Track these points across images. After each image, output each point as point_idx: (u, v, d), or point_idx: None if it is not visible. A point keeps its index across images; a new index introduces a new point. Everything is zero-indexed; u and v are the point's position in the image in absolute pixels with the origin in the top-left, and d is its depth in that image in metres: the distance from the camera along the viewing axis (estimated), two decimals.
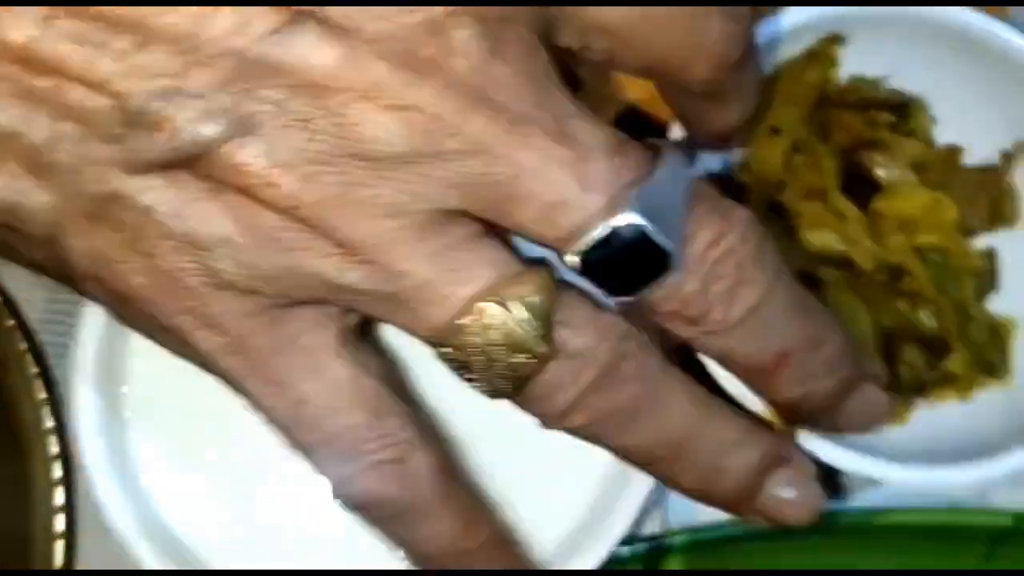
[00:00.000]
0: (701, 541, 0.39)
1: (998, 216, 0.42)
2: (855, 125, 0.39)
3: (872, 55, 0.41)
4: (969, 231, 0.43)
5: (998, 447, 0.37)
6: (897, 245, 0.38)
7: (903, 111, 0.41)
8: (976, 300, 0.42)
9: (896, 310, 0.39)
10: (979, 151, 0.43)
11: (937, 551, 0.39)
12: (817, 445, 0.36)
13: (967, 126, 0.43)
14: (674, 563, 0.39)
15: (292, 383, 0.25)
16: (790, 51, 0.40)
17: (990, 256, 0.42)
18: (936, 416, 0.40)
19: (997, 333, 0.41)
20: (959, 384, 0.40)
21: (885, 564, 0.39)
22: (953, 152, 0.43)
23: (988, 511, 0.40)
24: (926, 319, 0.39)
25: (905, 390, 0.40)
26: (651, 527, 0.39)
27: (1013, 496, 0.40)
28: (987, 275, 0.42)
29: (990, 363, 0.40)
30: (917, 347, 0.39)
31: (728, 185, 0.40)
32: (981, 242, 0.43)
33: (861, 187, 0.40)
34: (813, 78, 0.40)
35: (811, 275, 0.39)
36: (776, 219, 0.39)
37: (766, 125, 0.40)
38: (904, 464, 0.37)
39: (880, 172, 0.39)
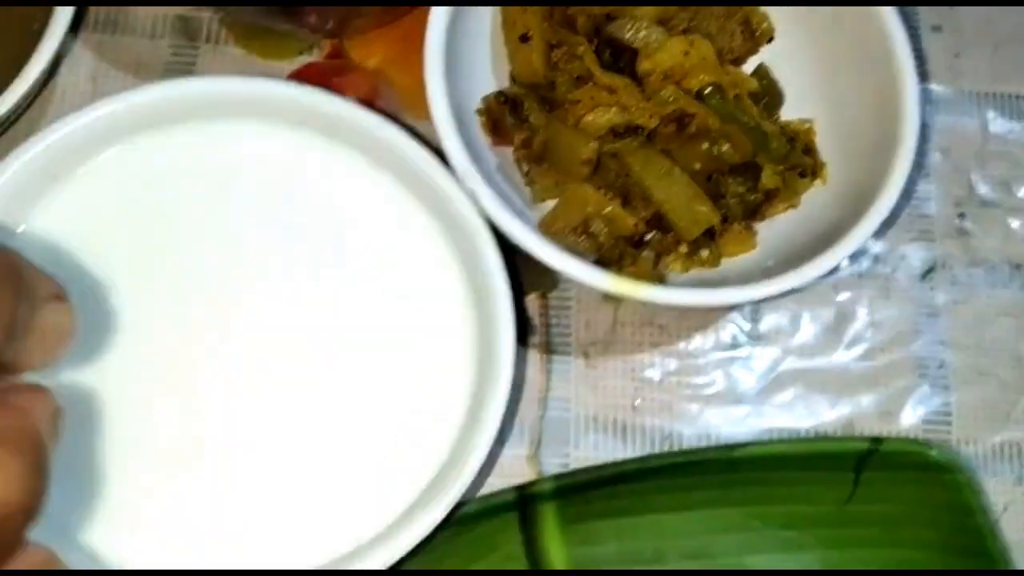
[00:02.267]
0: (568, 486, 0.39)
1: (756, 34, 0.44)
2: (591, 7, 0.40)
3: None
4: (736, 59, 0.44)
5: (834, 237, 0.38)
6: (669, 95, 0.39)
7: None
8: (768, 116, 0.43)
9: (702, 152, 0.40)
10: None
11: (806, 479, 0.39)
12: (666, 293, 0.36)
13: None
14: (548, 507, 0.39)
15: None
16: None
17: (762, 73, 0.43)
18: (775, 231, 0.41)
19: (798, 139, 0.42)
20: (783, 195, 0.41)
21: (756, 491, 0.39)
22: None
23: (845, 438, 0.41)
24: (726, 150, 0.39)
25: (742, 218, 0.40)
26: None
27: (874, 426, 0.42)
28: (768, 91, 0.43)
29: (802, 167, 0.41)
30: (733, 177, 0.40)
31: (504, 100, 0.40)
32: (753, 63, 0.44)
33: (625, 59, 0.41)
34: None
35: (613, 154, 0.39)
36: (554, 117, 0.40)
37: (515, 35, 0.40)
38: (761, 282, 0.37)
39: (631, 37, 0.40)
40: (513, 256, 0.38)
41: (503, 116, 0.40)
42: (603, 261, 0.38)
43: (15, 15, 0.39)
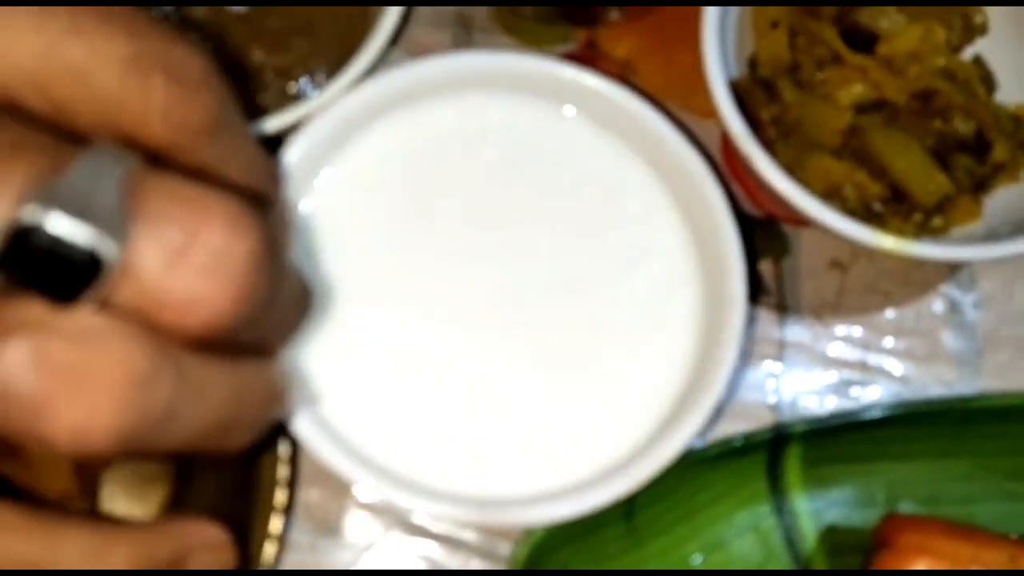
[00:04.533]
0: (816, 430, 0.41)
1: (972, 28, 0.46)
2: None
3: None
4: (955, 48, 0.46)
5: None
6: (917, 73, 0.41)
7: None
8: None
9: (934, 130, 0.42)
10: None
11: None
12: (930, 248, 0.39)
13: None
14: (794, 450, 0.41)
15: None
16: None
17: (980, 61, 0.46)
18: (999, 203, 0.43)
19: (1019, 119, 0.44)
20: (1008, 170, 0.43)
21: (985, 443, 0.42)
22: None
23: None
24: (962, 125, 0.42)
25: (971, 191, 0.42)
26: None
27: None
28: (987, 77, 0.46)
29: None
30: (963, 153, 0.42)
31: (756, 80, 0.43)
32: (968, 54, 0.46)
33: (859, 44, 0.43)
34: None
35: (854, 127, 0.42)
36: (806, 94, 0.42)
37: (765, 23, 0.43)
38: (981, 245, 0.40)
39: (875, 24, 0.42)
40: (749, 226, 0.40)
41: (755, 94, 0.43)
42: None
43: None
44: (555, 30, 0.47)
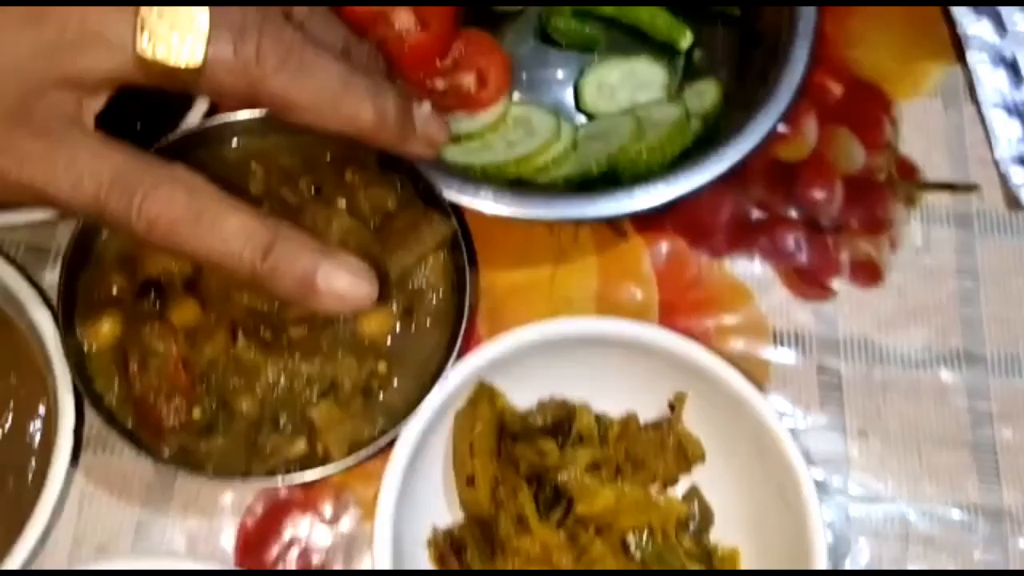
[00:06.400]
0: None
1: (688, 458, 0.46)
2: (530, 455, 0.42)
3: (539, 377, 0.45)
4: (669, 481, 0.45)
5: None
6: (598, 552, 0.40)
7: (567, 423, 0.44)
8: (701, 536, 0.44)
9: None
10: (651, 411, 0.46)
11: None
12: None
13: (636, 397, 0.46)
14: None
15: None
16: (454, 409, 0.43)
17: (694, 496, 0.45)
18: None
19: (724, 564, 0.43)
20: None
21: None
22: (630, 419, 0.46)
23: None
24: None
25: None
26: None
27: None
28: (698, 513, 0.45)
29: None
30: None
31: (450, 543, 0.42)
32: (686, 483, 0.46)
33: (564, 499, 0.43)
34: (484, 422, 0.43)
35: None
36: (497, 562, 0.41)
37: (462, 479, 0.43)
38: None
39: (565, 485, 0.42)
40: None
41: (449, 554, 0.42)
42: None
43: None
44: None
